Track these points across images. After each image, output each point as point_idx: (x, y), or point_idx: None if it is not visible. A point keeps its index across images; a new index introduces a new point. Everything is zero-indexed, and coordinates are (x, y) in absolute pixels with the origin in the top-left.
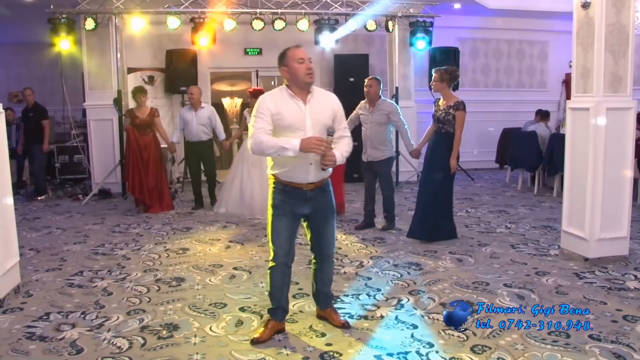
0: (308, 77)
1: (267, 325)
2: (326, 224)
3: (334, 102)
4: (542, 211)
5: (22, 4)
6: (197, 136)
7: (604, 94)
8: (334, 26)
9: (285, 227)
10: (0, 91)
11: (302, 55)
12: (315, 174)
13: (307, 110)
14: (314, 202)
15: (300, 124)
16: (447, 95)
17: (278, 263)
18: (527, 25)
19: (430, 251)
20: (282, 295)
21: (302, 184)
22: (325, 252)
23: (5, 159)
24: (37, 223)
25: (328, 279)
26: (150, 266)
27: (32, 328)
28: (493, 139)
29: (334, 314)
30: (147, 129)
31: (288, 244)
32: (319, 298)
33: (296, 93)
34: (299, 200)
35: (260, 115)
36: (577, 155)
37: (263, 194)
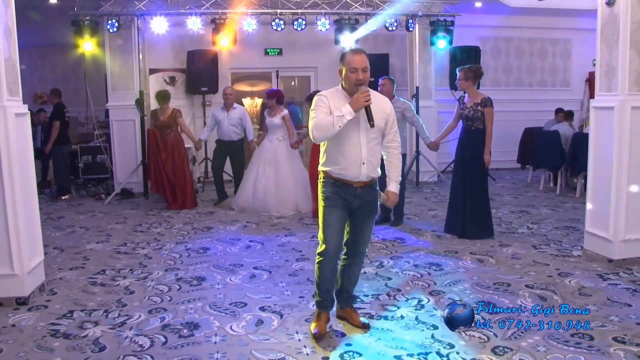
0: (356, 87)
1: (320, 318)
2: (367, 220)
3: (387, 106)
4: (564, 212)
5: (47, 7)
6: (228, 135)
7: (629, 92)
8: (354, 26)
9: (338, 218)
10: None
11: (356, 65)
12: (366, 174)
13: (362, 112)
14: (361, 198)
15: (355, 125)
16: (473, 93)
17: (329, 255)
18: (550, 24)
19: (451, 251)
20: (332, 287)
21: (353, 181)
22: (360, 248)
23: (30, 160)
24: (61, 222)
25: (355, 278)
26: (171, 265)
27: (56, 325)
28: (515, 139)
29: (355, 314)
30: (167, 130)
31: (339, 237)
32: (341, 296)
33: (350, 95)
34: (348, 195)
35: (319, 108)
36: (601, 155)
37: (278, 191)
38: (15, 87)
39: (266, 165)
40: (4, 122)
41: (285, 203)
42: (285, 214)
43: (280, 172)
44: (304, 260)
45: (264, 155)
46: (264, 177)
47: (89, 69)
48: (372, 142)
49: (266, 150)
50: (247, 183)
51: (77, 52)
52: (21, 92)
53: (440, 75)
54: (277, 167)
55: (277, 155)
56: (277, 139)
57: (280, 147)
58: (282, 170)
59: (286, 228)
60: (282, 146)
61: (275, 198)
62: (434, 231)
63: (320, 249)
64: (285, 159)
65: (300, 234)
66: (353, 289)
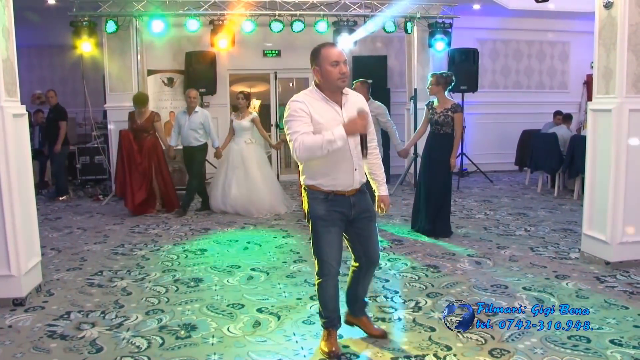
0: (340, 81)
1: (331, 336)
2: (370, 225)
3: (363, 103)
4: (562, 214)
5: (45, 8)
6: (187, 140)
7: (627, 95)
8: (353, 28)
9: (337, 237)
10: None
11: (337, 58)
12: (358, 180)
13: (344, 114)
14: (357, 206)
15: None
16: (442, 99)
17: (332, 274)
18: (548, 26)
19: (449, 253)
20: (337, 305)
21: (345, 190)
22: (374, 256)
23: (28, 161)
24: (59, 223)
25: (368, 285)
26: (168, 266)
27: (53, 327)
28: (513, 141)
29: (369, 322)
30: (144, 133)
31: (339, 254)
32: (355, 304)
33: (329, 96)
34: (343, 207)
35: (298, 118)
36: (599, 158)
37: (250, 194)
38: (14, 88)
39: (234, 168)
40: (2, 123)
41: (260, 206)
42: (260, 216)
43: (250, 175)
44: (302, 261)
45: (232, 158)
46: (233, 180)
47: (87, 70)
48: (359, 146)
49: (233, 154)
50: (216, 188)
51: (75, 53)
52: (19, 93)
53: None
54: (246, 170)
55: (246, 158)
56: (244, 141)
57: (248, 149)
58: (252, 173)
59: (284, 229)
60: (250, 149)
61: (249, 201)
62: None
63: (319, 269)
64: (254, 162)
65: (298, 236)
66: (366, 296)
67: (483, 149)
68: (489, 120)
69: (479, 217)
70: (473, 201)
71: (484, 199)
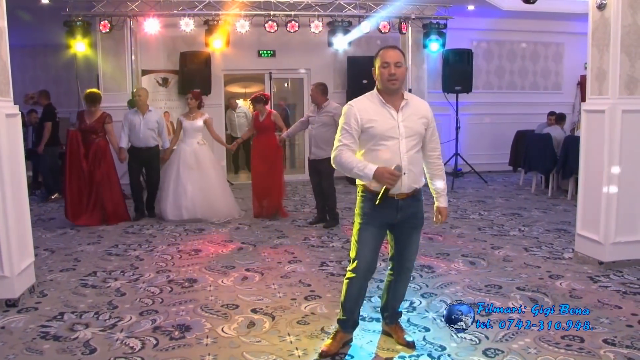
0: (390, 83)
1: (336, 337)
2: (413, 234)
3: (427, 110)
4: (556, 214)
5: (38, 7)
6: (145, 141)
7: (620, 96)
8: (347, 28)
9: (373, 236)
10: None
11: (388, 59)
12: (408, 185)
13: (399, 118)
14: (404, 211)
15: (393, 132)
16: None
17: (360, 274)
18: (542, 27)
19: (443, 254)
20: (356, 308)
21: (394, 193)
22: (406, 264)
23: (21, 161)
24: (52, 223)
25: (401, 294)
26: (162, 267)
27: (46, 328)
28: (507, 141)
29: (400, 330)
30: (92, 135)
31: (372, 256)
32: (387, 312)
33: (387, 100)
34: (390, 209)
35: (345, 127)
36: (592, 158)
37: (205, 196)
38: (6, 88)
39: (188, 169)
40: None
41: (216, 209)
42: (217, 220)
43: (205, 176)
44: (296, 262)
45: (184, 159)
46: (188, 181)
47: (81, 70)
48: (413, 150)
49: (186, 155)
50: (167, 190)
51: (69, 53)
52: (12, 93)
53: (432, 78)
54: (200, 171)
55: (200, 160)
56: (197, 142)
57: (202, 151)
58: (206, 175)
59: (278, 230)
60: (203, 150)
61: (205, 204)
62: (426, 233)
63: (351, 266)
64: (208, 163)
65: (293, 236)
66: (399, 305)
67: (477, 150)
68: (483, 121)
69: (473, 217)
70: (467, 201)
71: (478, 200)
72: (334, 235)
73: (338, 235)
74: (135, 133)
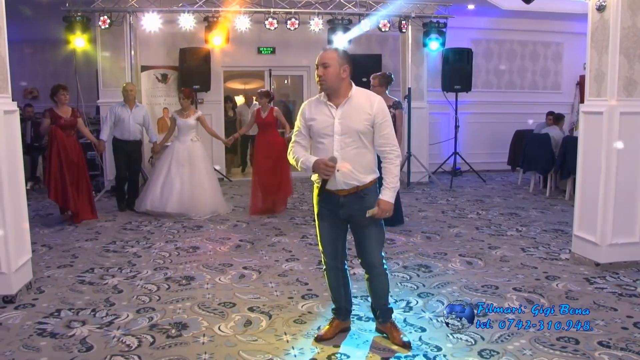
0: (318, 84)
1: (332, 323)
2: (364, 231)
3: (372, 107)
4: (553, 214)
5: (37, 2)
6: (134, 134)
7: (618, 98)
8: (347, 26)
9: (327, 230)
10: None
11: (317, 61)
12: (342, 182)
13: (337, 115)
14: (347, 207)
15: (328, 130)
16: (385, 97)
17: (328, 266)
18: (542, 27)
19: (440, 254)
20: (340, 296)
21: (335, 189)
22: (367, 260)
23: (19, 157)
24: (50, 219)
25: (381, 290)
26: (160, 264)
27: (43, 324)
28: (505, 141)
29: (394, 330)
30: (71, 131)
31: (332, 247)
32: (375, 311)
33: (330, 98)
34: (332, 204)
35: (297, 124)
36: (590, 159)
37: (193, 192)
38: (4, 85)
39: (179, 166)
40: None
41: (202, 205)
42: (202, 216)
43: (195, 173)
44: (294, 260)
45: (177, 155)
46: (178, 178)
47: (80, 65)
48: (349, 147)
49: (179, 151)
50: (155, 185)
51: (68, 48)
52: (10, 89)
53: (432, 77)
54: (192, 168)
55: (192, 156)
56: (190, 139)
57: (195, 147)
58: (197, 171)
59: (276, 228)
60: (196, 147)
61: (191, 199)
62: (424, 232)
63: (321, 258)
64: (200, 160)
65: (291, 234)
66: (385, 301)
67: (476, 149)
68: (482, 120)
69: (471, 216)
70: (465, 200)
71: (476, 199)
72: None
73: None
74: (124, 127)
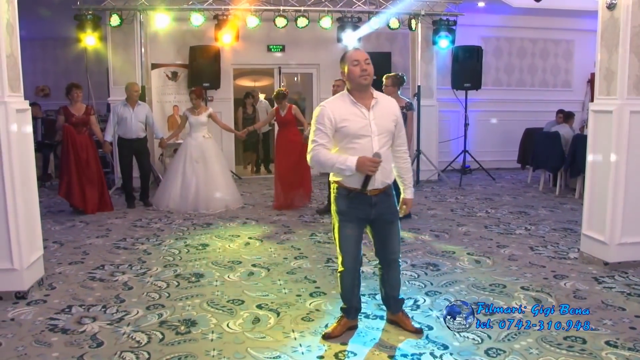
0: (362, 78)
1: (340, 321)
2: (391, 228)
3: (396, 108)
4: (563, 213)
5: (49, 1)
6: (136, 133)
7: (628, 96)
8: (357, 24)
9: (353, 233)
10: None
11: (357, 57)
12: (380, 181)
13: (370, 116)
14: (378, 207)
15: (364, 130)
16: (397, 98)
17: (347, 268)
18: (552, 24)
19: (448, 252)
20: (352, 296)
21: (366, 190)
22: (390, 256)
23: (30, 155)
24: (61, 216)
25: (396, 283)
26: (170, 261)
27: (54, 320)
28: (515, 139)
29: (406, 319)
30: (83, 128)
31: (357, 249)
32: (389, 302)
33: (358, 99)
34: (364, 205)
35: (319, 127)
36: (599, 158)
37: (207, 188)
38: (17, 83)
39: (194, 162)
40: (5, 118)
41: (214, 200)
42: (214, 211)
43: (209, 169)
44: (303, 258)
45: (190, 152)
46: (193, 175)
47: (91, 63)
48: (384, 147)
49: (192, 148)
50: (174, 182)
51: (79, 46)
52: (22, 88)
53: (442, 75)
54: (206, 164)
55: (205, 153)
56: (202, 136)
57: (207, 144)
58: (211, 168)
59: (285, 225)
60: (209, 144)
61: (205, 195)
62: (433, 230)
63: (340, 260)
64: (213, 156)
65: (300, 232)
66: (398, 293)
67: (485, 147)
68: (492, 118)
69: (480, 215)
70: (475, 199)
71: (485, 197)
72: None
73: None
74: (126, 125)
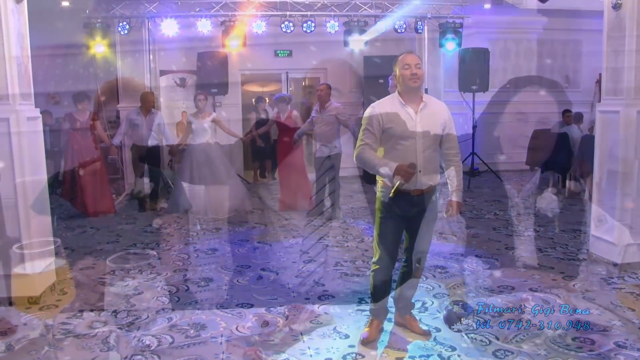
0: (411, 81)
1: (372, 324)
2: (429, 226)
3: (445, 111)
4: (572, 214)
5: (59, 10)
6: (147, 140)
7: (635, 96)
8: (364, 28)
9: (392, 230)
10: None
11: (408, 61)
12: (423, 182)
13: (417, 118)
14: (419, 206)
15: (410, 132)
16: None
17: (382, 265)
18: (559, 25)
19: (456, 254)
20: (385, 296)
21: (409, 189)
22: (422, 248)
23: (41, 162)
24: (72, 222)
25: (414, 285)
26: (180, 266)
27: (66, 325)
28: (523, 140)
29: (414, 321)
30: (87, 133)
31: (393, 246)
32: (399, 303)
33: (407, 101)
34: (406, 203)
35: (368, 128)
36: (607, 159)
37: (216, 193)
38: (28, 92)
39: (200, 167)
40: (17, 126)
41: (223, 204)
42: (223, 215)
43: (215, 173)
44: (311, 262)
45: (196, 158)
46: (200, 180)
47: (100, 70)
48: (429, 150)
49: (197, 154)
50: (182, 188)
51: (88, 54)
52: (33, 96)
53: (449, 77)
54: (212, 168)
55: (210, 157)
56: (206, 141)
57: (211, 149)
58: (217, 171)
59: (294, 229)
60: (213, 148)
61: (214, 200)
62: (441, 233)
63: (375, 258)
64: (218, 160)
65: (309, 236)
66: (412, 296)
67: (494, 149)
68: (500, 120)
69: (488, 217)
70: (483, 201)
71: (494, 199)
72: (348, 235)
73: (353, 235)
74: (139, 132)
